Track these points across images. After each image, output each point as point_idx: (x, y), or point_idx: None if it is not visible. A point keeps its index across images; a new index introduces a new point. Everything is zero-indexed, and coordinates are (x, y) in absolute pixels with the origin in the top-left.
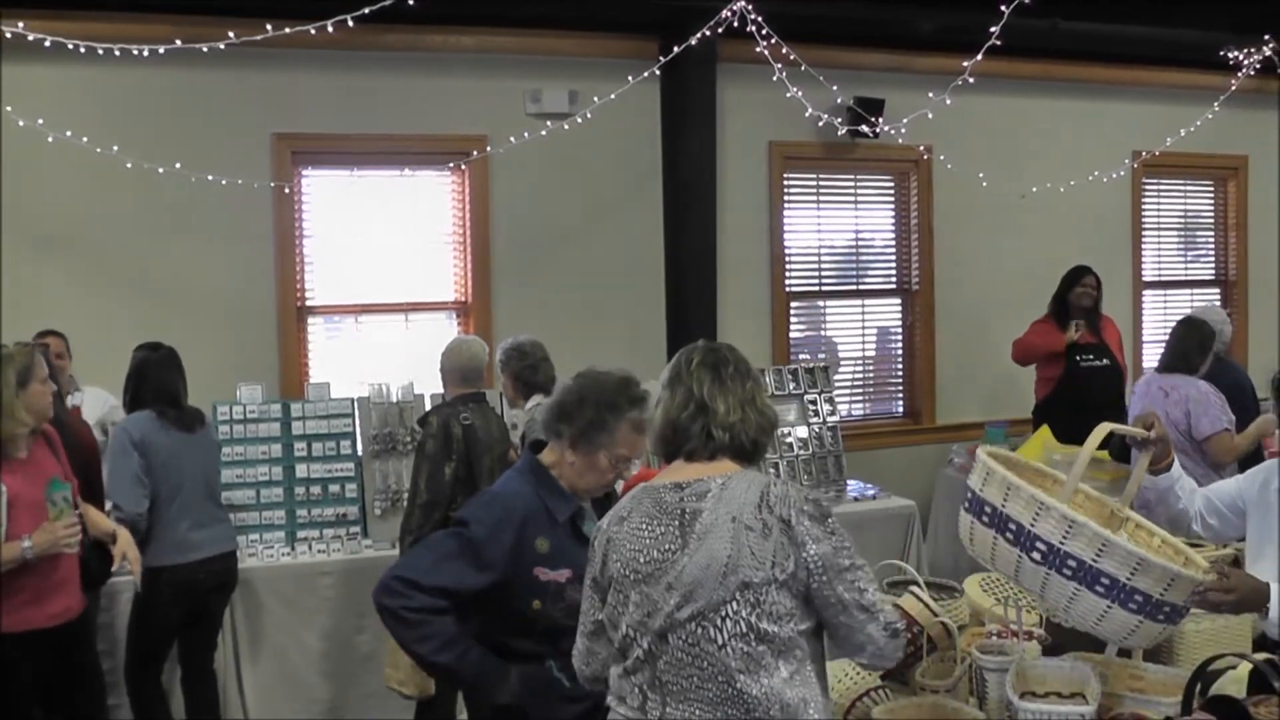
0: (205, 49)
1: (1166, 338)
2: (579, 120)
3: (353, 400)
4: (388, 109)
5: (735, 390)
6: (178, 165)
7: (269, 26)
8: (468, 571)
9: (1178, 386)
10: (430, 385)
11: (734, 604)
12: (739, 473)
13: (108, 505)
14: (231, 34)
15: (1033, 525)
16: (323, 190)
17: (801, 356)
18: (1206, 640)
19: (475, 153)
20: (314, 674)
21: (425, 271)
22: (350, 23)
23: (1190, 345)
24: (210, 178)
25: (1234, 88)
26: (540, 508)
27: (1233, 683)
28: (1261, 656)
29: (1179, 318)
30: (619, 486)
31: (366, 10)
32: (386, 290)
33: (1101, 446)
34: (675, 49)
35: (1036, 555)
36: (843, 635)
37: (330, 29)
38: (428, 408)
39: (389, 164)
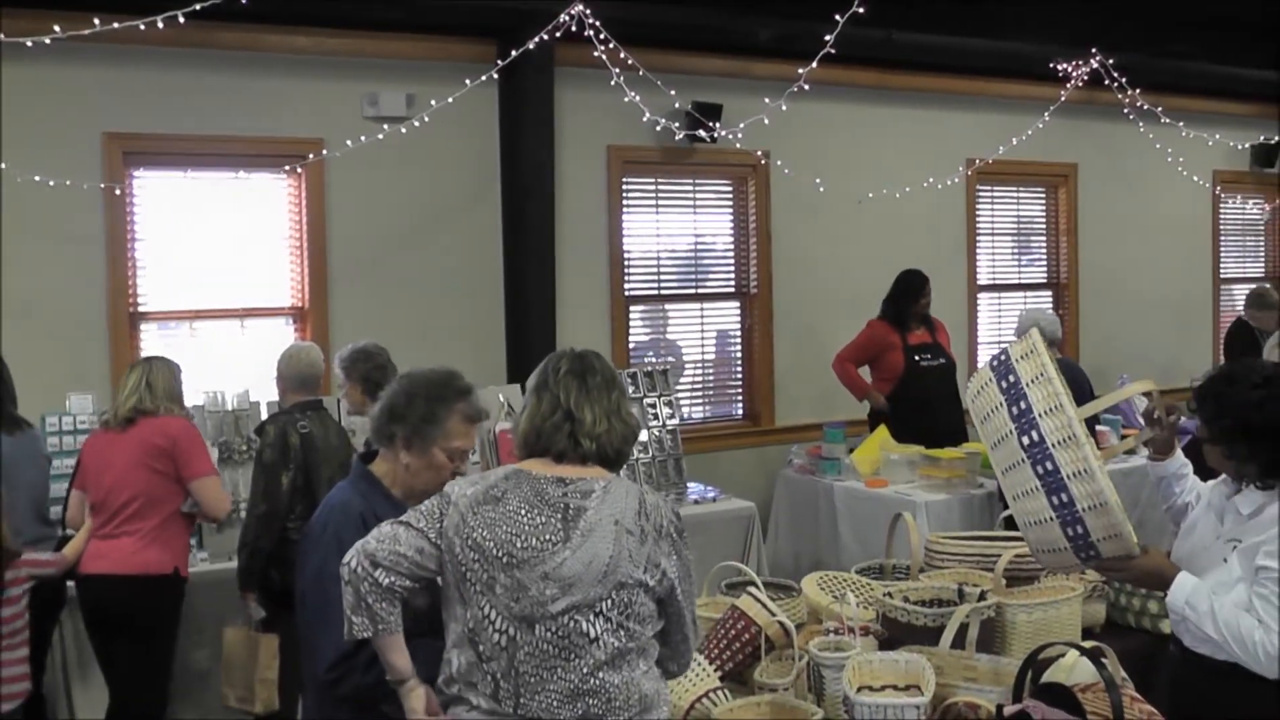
0: (30, 44)
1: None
2: (416, 124)
3: (187, 408)
4: (222, 109)
5: (601, 400)
6: (3, 166)
7: (97, 21)
8: None
9: None
10: (267, 393)
11: (608, 602)
12: (616, 479)
13: None
14: (58, 28)
15: (1041, 416)
16: (155, 192)
17: (647, 359)
18: (1038, 630)
19: (311, 155)
20: None
21: (261, 276)
22: (182, 19)
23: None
24: (38, 178)
25: (1063, 98)
26: (371, 514)
27: (1062, 670)
28: (1089, 644)
29: (1012, 319)
30: None
31: (199, 6)
32: (222, 295)
33: (942, 443)
34: (513, 53)
35: (1026, 440)
36: (675, 644)
37: (161, 25)
38: (264, 416)
39: (223, 165)
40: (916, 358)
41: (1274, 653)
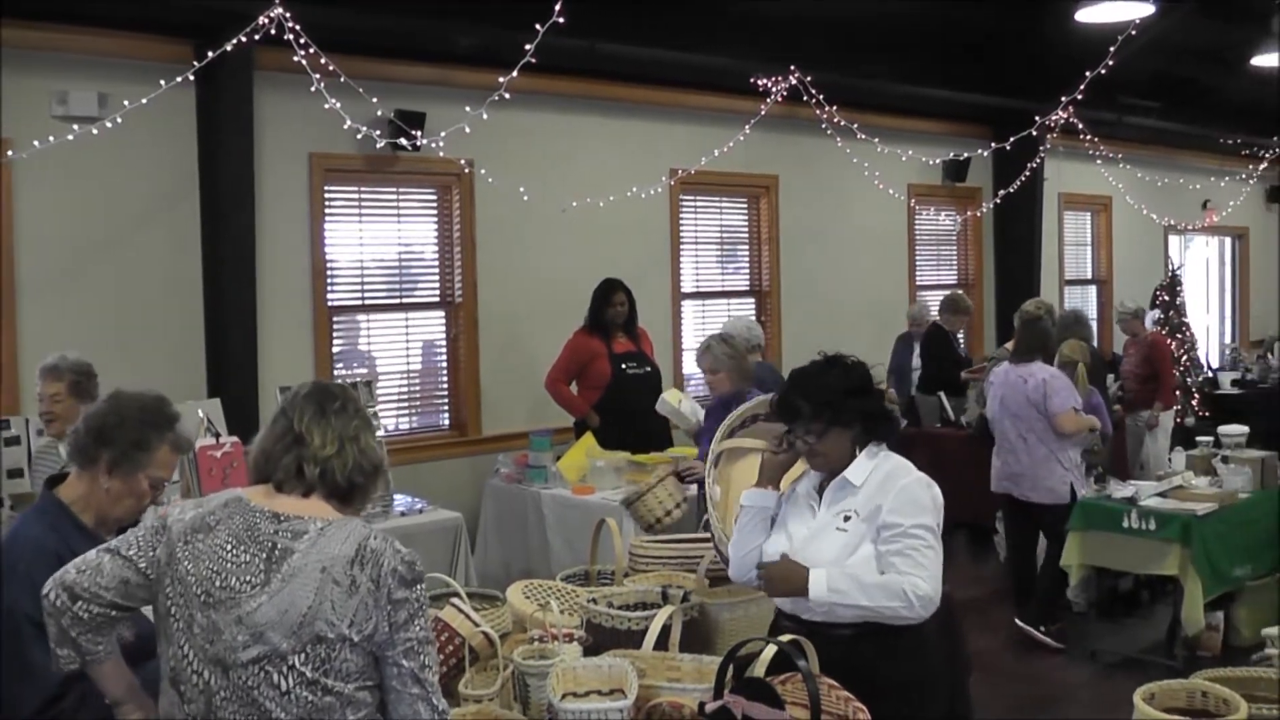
0: None
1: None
2: (109, 125)
3: None
4: None
5: (336, 425)
6: None
7: None
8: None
9: (1034, 373)
10: None
11: (302, 656)
12: (340, 520)
13: None
14: None
15: None
16: None
17: (338, 370)
18: (741, 627)
19: None
20: None
21: None
22: None
23: (1035, 339)
24: None
25: (764, 112)
26: (66, 550)
27: (763, 665)
28: (787, 638)
29: (716, 325)
30: None
31: None
32: None
33: (649, 450)
34: (210, 54)
35: None
36: (392, 700)
37: None
38: None
39: None
40: (623, 366)
41: (924, 592)
